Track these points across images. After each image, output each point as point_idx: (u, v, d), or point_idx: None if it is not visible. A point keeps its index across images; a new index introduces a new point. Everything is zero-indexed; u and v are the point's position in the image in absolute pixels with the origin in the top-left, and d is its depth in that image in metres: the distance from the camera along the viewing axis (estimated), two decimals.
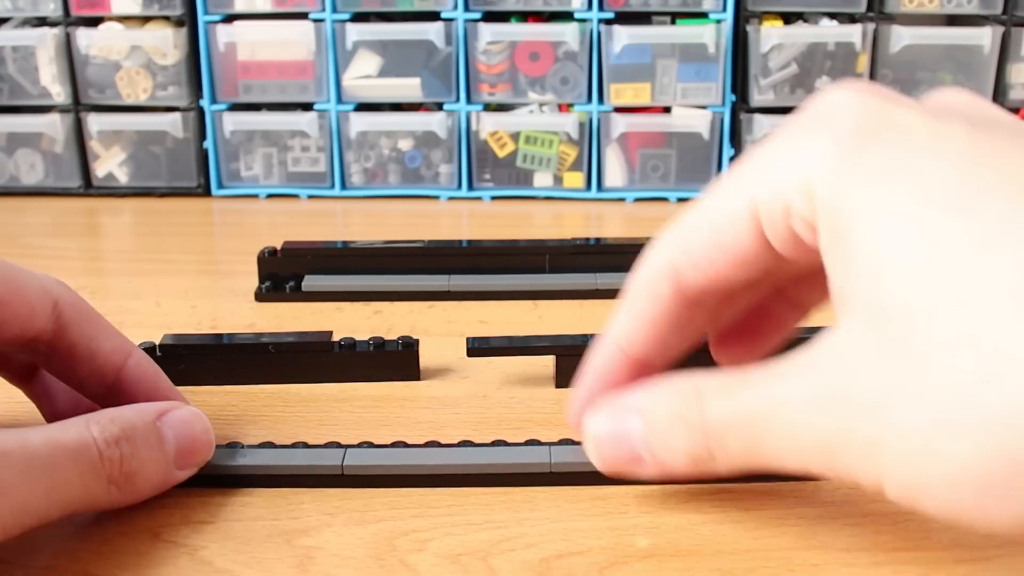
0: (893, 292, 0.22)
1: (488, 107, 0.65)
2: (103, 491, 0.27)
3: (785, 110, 0.65)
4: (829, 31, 0.63)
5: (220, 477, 0.31)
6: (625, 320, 0.29)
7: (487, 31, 0.63)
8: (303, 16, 0.64)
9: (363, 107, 0.66)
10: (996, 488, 0.21)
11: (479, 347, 0.38)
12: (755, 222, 0.26)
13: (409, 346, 0.39)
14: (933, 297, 0.21)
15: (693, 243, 0.27)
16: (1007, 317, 0.20)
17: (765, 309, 0.31)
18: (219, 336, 0.40)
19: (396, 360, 0.38)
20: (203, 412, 0.30)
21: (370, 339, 0.38)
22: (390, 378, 0.38)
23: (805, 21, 0.65)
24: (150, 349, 0.37)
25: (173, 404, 0.30)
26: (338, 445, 0.31)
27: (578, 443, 0.31)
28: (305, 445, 0.32)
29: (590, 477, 0.30)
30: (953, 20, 0.66)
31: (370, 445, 0.31)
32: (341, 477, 0.30)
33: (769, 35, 0.63)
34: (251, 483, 0.31)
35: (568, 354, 0.36)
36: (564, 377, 0.37)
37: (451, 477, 0.30)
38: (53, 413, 0.33)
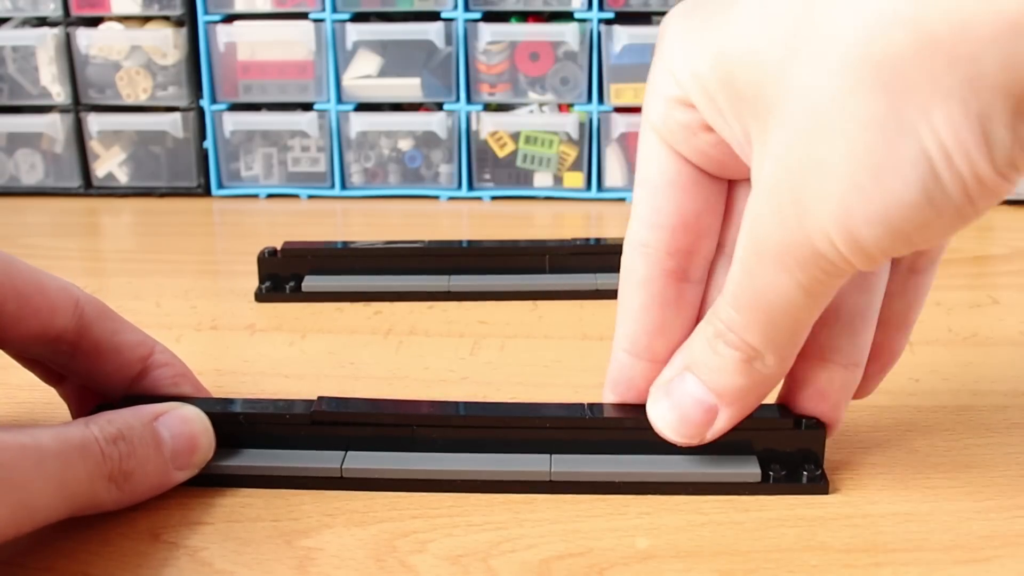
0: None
1: (488, 107, 0.65)
2: (104, 489, 0.27)
3: None
4: None
5: (220, 477, 0.31)
6: (623, 321, 0.30)
7: (487, 31, 0.63)
8: (303, 16, 0.64)
9: (363, 107, 0.66)
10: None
11: (326, 411, 0.31)
12: (662, 142, 0.28)
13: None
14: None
15: (641, 209, 0.29)
16: None
17: None
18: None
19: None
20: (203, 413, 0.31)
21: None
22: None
23: None
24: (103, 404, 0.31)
25: (172, 405, 0.30)
26: (339, 446, 0.31)
27: (577, 452, 0.31)
28: (305, 445, 0.32)
29: (589, 486, 0.30)
30: None
31: (370, 448, 0.31)
32: (340, 480, 0.30)
33: None
34: (251, 483, 0.31)
35: (427, 424, 0.29)
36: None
37: (451, 483, 0.30)
38: (82, 414, 0.33)
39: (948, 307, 0.45)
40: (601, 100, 0.64)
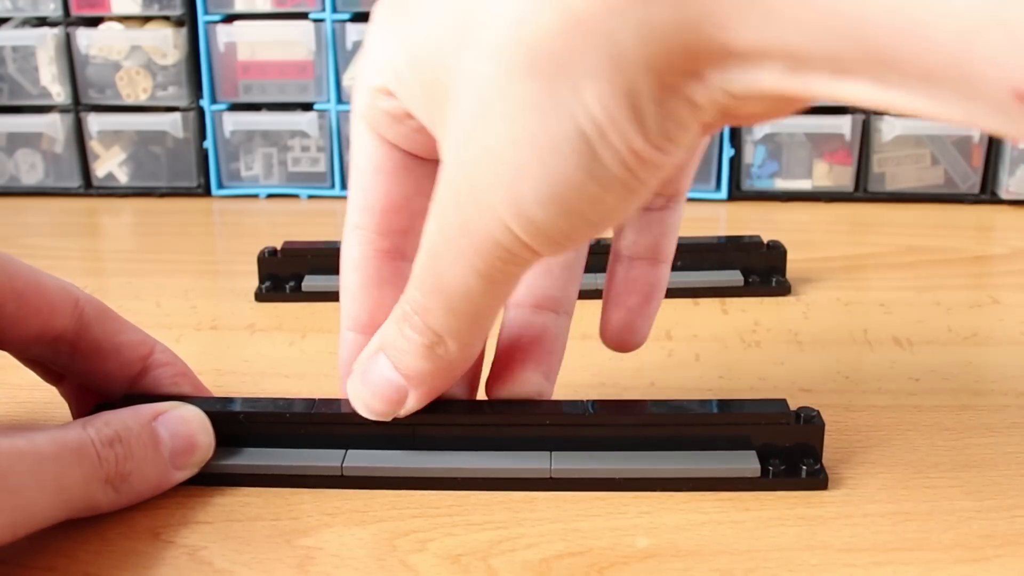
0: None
1: None
2: (101, 492, 0.27)
3: None
4: None
5: (220, 476, 0.31)
6: (345, 301, 0.30)
7: None
8: (303, 16, 0.64)
9: None
10: None
11: (327, 410, 0.31)
12: (369, 129, 0.28)
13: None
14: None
15: (353, 193, 0.30)
16: None
17: None
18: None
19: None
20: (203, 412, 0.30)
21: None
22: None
23: None
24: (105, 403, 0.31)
25: (172, 405, 0.30)
26: (339, 445, 0.31)
27: (580, 449, 0.31)
28: (305, 444, 0.32)
29: (590, 482, 0.30)
30: None
31: (370, 446, 0.31)
32: (340, 479, 0.30)
33: None
34: (251, 482, 0.31)
35: (428, 422, 0.30)
36: None
37: (451, 480, 0.30)
38: (82, 413, 0.33)
39: (948, 307, 0.45)
40: None
